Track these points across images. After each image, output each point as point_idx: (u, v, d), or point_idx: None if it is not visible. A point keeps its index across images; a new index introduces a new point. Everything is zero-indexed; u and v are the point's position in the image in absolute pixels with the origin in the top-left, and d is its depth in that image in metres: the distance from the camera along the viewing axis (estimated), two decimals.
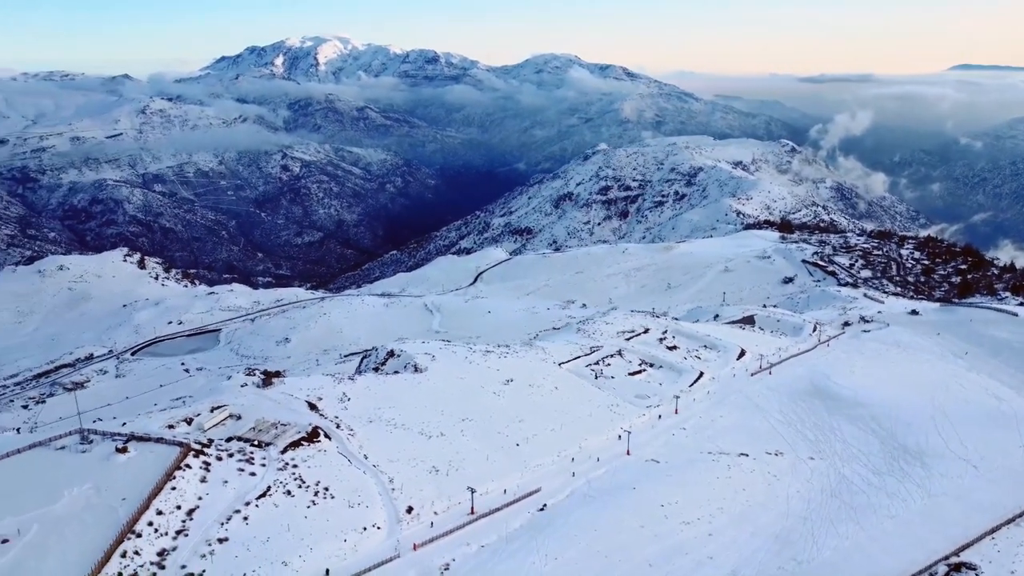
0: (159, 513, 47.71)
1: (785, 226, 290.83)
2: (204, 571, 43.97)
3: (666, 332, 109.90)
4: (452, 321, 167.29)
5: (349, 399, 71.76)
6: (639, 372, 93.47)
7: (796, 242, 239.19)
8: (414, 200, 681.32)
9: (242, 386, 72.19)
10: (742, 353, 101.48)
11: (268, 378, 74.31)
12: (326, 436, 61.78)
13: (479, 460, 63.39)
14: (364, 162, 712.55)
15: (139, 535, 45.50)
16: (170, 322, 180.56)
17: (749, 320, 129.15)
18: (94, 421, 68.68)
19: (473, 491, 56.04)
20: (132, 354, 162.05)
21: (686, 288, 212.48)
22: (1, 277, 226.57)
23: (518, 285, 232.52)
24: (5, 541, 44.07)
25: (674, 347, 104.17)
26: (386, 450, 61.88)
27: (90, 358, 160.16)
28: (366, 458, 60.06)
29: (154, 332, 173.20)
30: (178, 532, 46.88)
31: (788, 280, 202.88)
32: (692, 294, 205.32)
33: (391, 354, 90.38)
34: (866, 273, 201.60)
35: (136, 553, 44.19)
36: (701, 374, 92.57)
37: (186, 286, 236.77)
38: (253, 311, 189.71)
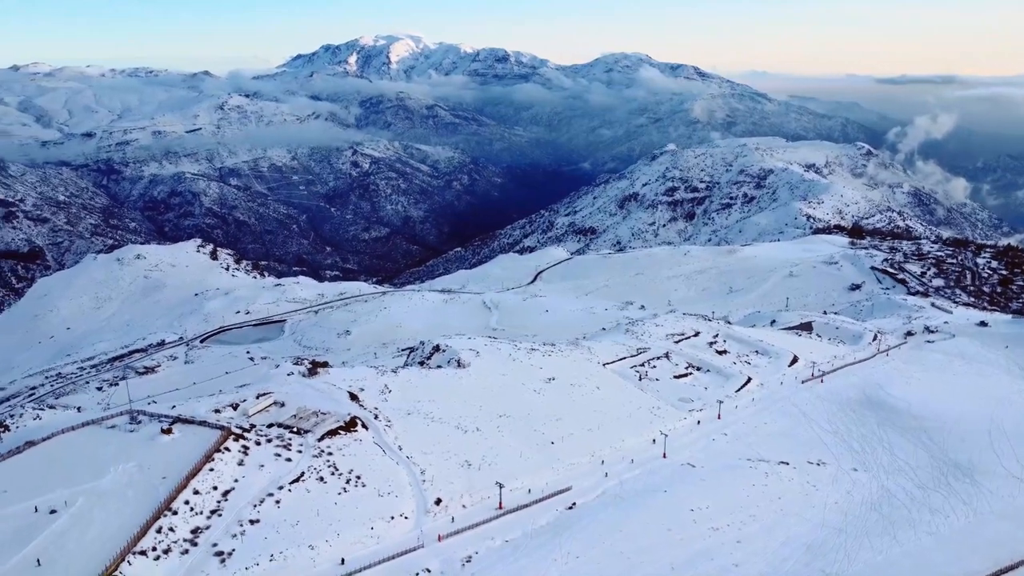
0: (196, 493, 49.78)
1: (856, 231, 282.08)
2: (234, 550, 45.70)
3: (717, 336, 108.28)
4: (509, 318, 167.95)
5: (390, 391, 73.18)
6: (685, 375, 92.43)
7: (866, 248, 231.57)
8: (480, 198, 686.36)
9: (288, 375, 74.44)
10: (794, 360, 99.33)
11: (314, 368, 76.41)
12: (363, 426, 63.21)
13: (513, 456, 63.83)
14: (432, 159, 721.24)
15: (175, 512, 47.59)
16: (238, 312, 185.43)
17: (807, 327, 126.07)
18: (149, 403, 71.90)
19: (501, 486, 56.56)
20: (201, 341, 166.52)
21: (748, 292, 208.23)
22: (83, 264, 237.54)
23: (577, 285, 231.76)
24: (53, 511, 46.77)
25: (724, 351, 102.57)
26: (421, 442, 62.92)
27: (162, 344, 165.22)
28: (400, 449, 61.21)
29: (223, 321, 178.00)
30: (212, 512, 48.80)
31: (855, 287, 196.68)
32: (754, 299, 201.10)
33: (436, 349, 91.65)
34: (938, 282, 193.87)
35: (171, 529, 46.23)
36: (749, 380, 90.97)
37: (255, 277, 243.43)
38: (317, 303, 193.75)
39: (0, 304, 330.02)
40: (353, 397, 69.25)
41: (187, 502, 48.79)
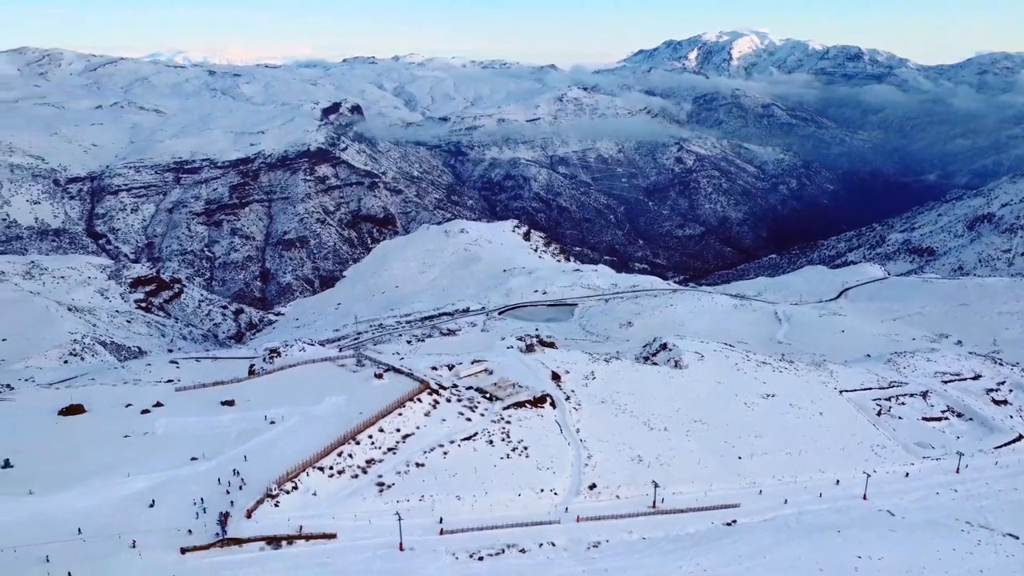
0: (381, 431, 57.76)
1: None
2: (393, 484, 52.55)
3: (1003, 384, 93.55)
4: (799, 333, 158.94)
5: (594, 378, 75.89)
6: (937, 419, 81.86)
7: None
8: (807, 204, 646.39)
9: (508, 348, 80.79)
10: None
11: (531, 346, 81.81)
12: (552, 404, 67.02)
13: (690, 461, 63.19)
14: (759, 160, 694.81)
15: (358, 443, 55.87)
16: (536, 291, 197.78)
17: None
18: (396, 355, 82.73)
19: (657, 485, 56.65)
20: (499, 313, 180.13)
21: None
22: (417, 233, 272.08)
23: (885, 308, 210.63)
24: (272, 423, 57.85)
25: (1003, 402, 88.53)
26: (600, 430, 64.99)
27: (466, 311, 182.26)
28: (577, 432, 63.97)
29: (521, 297, 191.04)
30: (389, 449, 56.34)
31: None
32: None
33: (663, 347, 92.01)
34: None
35: (350, 456, 54.47)
36: (1020, 437, 77.89)
37: (559, 261, 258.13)
38: (608, 292, 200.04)
39: (356, 260, 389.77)
40: (555, 377, 73.33)
41: (371, 437, 56.92)
